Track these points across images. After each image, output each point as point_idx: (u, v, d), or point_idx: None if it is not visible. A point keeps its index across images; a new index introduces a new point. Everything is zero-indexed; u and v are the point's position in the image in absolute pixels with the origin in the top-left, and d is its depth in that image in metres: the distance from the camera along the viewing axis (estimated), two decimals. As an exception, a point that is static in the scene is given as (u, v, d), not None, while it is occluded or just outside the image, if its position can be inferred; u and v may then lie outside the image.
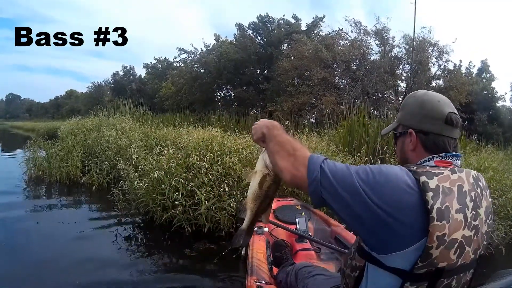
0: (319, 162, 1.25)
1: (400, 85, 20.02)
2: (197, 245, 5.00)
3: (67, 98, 68.69)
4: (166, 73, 32.24)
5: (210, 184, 5.47)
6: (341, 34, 20.03)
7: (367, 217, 1.14)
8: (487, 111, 21.39)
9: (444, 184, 1.16)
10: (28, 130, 43.92)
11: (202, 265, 4.49)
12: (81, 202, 7.69)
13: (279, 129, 1.48)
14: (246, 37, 25.46)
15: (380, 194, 1.13)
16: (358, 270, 1.33)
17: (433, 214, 1.09)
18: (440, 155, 1.32)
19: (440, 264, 1.14)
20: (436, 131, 1.34)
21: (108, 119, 12.70)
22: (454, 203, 1.15)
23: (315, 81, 18.31)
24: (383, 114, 14.98)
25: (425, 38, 18.66)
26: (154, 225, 5.59)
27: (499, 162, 8.12)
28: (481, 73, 23.94)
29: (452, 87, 17.80)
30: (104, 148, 9.35)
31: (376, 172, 1.18)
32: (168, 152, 6.21)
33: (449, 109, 1.36)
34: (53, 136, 13.80)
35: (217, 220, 5.27)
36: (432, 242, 1.10)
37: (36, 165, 9.15)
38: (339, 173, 1.21)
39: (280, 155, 1.38)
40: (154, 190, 5.54)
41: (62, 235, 5.38)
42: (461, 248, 1.16)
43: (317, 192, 1.22)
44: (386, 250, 1.18)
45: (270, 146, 1.46)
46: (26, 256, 4.55)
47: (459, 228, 1.15)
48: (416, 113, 1.40)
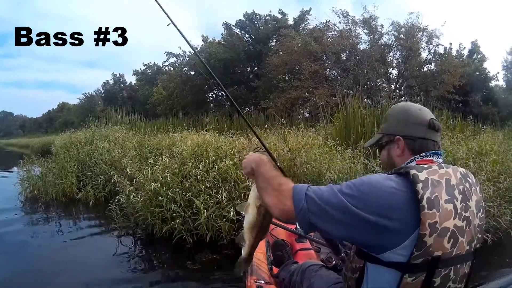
0: (303, 191, 1.30)
1: (391, 72, 20.07)
2: (200, 256, 4.90)
3: (60, 111, 68.70)
4: (156, 78, 32.32)
5: (208, 192, 5.37)
6: (329, 25, 20.00)
7: (361, 227, 1.20)
8: (481, 92, 21.42)
9: (432, 176, 1.24)
10: (22, 146, 43.98)
11: (207, 277, 4.39)
12: (79, 218, 7.51)
13: (265, 164, 1.54)
14: (233, 36, 25.49)
15: (368, 202, 1.20)
16: (359, 271, 1.38)
17: (424, 203, 1.17)
18: (421, 155, 1.43)
19: (436, 252, 1.19)
20: (421, 135, 1.45)
21: (100, 131, 12.57)
22: (443, 194, 1.22)
23: (306, 75, 18.37)
24: (376, 102, 14.96)
25: (413, 23, 18.63)
26: (154, 239, 5.48)
27: (499, 144, 8.03)
28: (472, 54, 23.93)
29: (445, 70, 17.76)
30: (98, 162, 9.23)
31: (359, 184, 1.26)
32: (163, 162, 6.08)
33: (430, 116, 1.48)
34: (47, 151, 13.68)
35: (218, 228, 5.17)
36: (424, 229, 1.16)
37: (31, 184, 8.96)
38: (325, 195, 1.26)
39: (267, 191, 1.44)
40: (151, 202, 5.42)
41: (61, 254, 5.32)
42: (454, 237, 1.22)
43: (306, 219, 1.27)
44: (385, 250, 1.23)
45: (258, 183, 1.53)
46: (27, 275, 4.51)
47: (450, 217, 1.21)
48: (401, 121, 1.50)
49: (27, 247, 5.75)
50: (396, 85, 20.00)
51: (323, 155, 6.42)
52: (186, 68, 26.74)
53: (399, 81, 19.96)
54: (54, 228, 6.68)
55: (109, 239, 5.89)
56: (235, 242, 1.75)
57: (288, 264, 2.56)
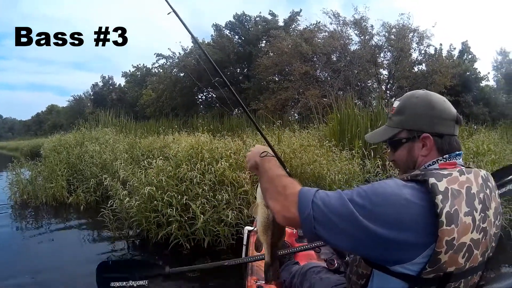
0: (310, 198, 1.18)
1: (382, 73, 20.16)
2: (198, 262, 4.70)
3: (49, 114, 68.37)
4: (146, 80, 32.34)
5: (205, 195, 5.24)
6: (320, 27, 20.08)
7: (370, 242, 1.10)
8: (472, 92, 21.72)
9: (453, 186, 1.13)
10: (12, 149, 43.53)
11: (205, 284, 4.29)
12: (71, 224, 7.27)
13: (270, 161, 1.46)
14: (223, 37, 25.55)
15: (379, 216, 1.08)
16: (365, 278, 1.31)
17: (443, 219, 1.06)
18: (444, 157, 1.28)
19: (449, 268, 1.11)
20: (450, 132, 1.30)
21: (90, 133, 12.37)
22: (463, 206, 1.11)
23: (297, 76, 18.43)
24: (368, 103, 15.03)
25: (404, 24, 18.76)
26: (149, 244, 5.33)
27: (495, 143, 8.14)
28: (462, 55, 24.30)
29: (436, 71, 17.97)
30: (89, 164, 9.06)
31: (371, 193, 1.13)
32: (157, 165, 5.95)
33: (454, 108, 1.34)
34: (37, 154, 13.48)
35: (216, 233, 5.04)
36: (441, 247, 1.07)
37: (20, 188, 8.74)
38: (333, 203, 1.14)
39: (270, 194, 1.34)
40: (146, 207, 5.27)
41: (52, 261, 5.15)
42: (469, 252, 1.13)
43: (310, 229, 1.16)
44: (394, 264, 1.14)
45: (261, 182, 1.44)
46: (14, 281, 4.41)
47: (468, 231, 1.11)
48: (426, 115, 1.31)
49: (16, 252, 5.65)
50: (387, 86, 20.12)
51: (322, 156, 6.40)
52: (176, 70, 26.75)
53: (390, 82, 20.09)
54: (44, 234, 6.51)
55: (101, 245, 5.75)
56: (254, 248, 1.64)
57: (289, 264, 2.53)
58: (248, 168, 1.57)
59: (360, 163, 6.57)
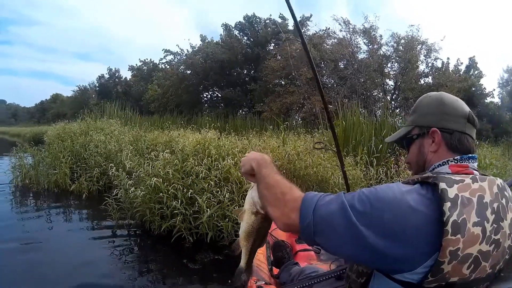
0: (312, 206, 1.16)
1: (388, 83, 20.16)
2: (200, 256, 4.81)
3: (53, 102, 68.53)
4: (152, 75, 32.31)
5: (210, 190, 5.28)
6: (329, 33, 20.06)
7: (368, 252, 1.06)
8: (476, 107, 21.65)
9: (463, 194, 1.06)
10: (14, 135, 43.56)
11: (207, 278, 4.33)
12: (72, 212, 7.28)
13: (267, 166, 1.39)
14: (232, 37, 25.52)
15: (378, 224, 1.05)
16: (365, 276, 1.28)
17: (448, 228, 1.00)
18: (455, 159, 1.24)
19: (452, 278, 1.05)
20: (460, 129, 1.26)
21: (95, 123, 12.43)
22: (472, 216, 1.04)
23: (303, 81, 18.34)
24: (372, 113, 15.04)
25: (413, 36, 18.75)
26: (151, 236, 5.36)
27: (497, 159, 8.22)
28: (469, 70, 24.34)
29: (442, 84, 17.96)
30: (93, 154, 9.09)
31: (373, 198, 1.09)
32: (164, 157, 5.98)
33: (468, 108, 1.30)
34: (39, 141, 13.48)
35: (220, 228, 5.08)
36: (444, 257, 1.01)
37: (22, 173, 8.81)
38: (334, 212, 1.11)
39: (269, 201, 1.31)
40: (151, 198, 5.30)
41: (52, 249, 5.13)
42: (476, 263, 1.06)
43: (310, 237, 1.16)
44: (394, 272, 1.10)
45: (259, 189, 1.39)
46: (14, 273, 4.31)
47: (475, 242, 1.04)
48: (436, 111, 1.31)
49: (16, 238, 5.52)
50: (392, 96, 20.12)
51: (327, 160, 6.46)
52: (183, 67, 26.71)
53: (396, 93, 20.08)
54: (45, 220, 6.50)
55: (102, 234, 5.73)
56: (231, 250, 1.64)
57: (289, 265, 2.54)
58: (243, 173, 1.51)
59: (364, 169, 6.61)
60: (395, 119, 11.12)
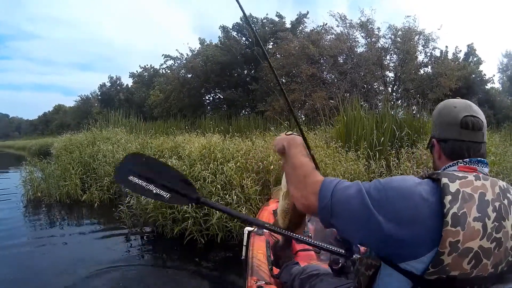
0: (331, 188, 1.25)
1: (388, 75, 20.14)
2: (212, 255, 5.03)
3: (55, 113, 68.38)
4: (153, 81, 32.30)
5: (218, 193, 5.48)
6: (327, 29, 20.07)
7: (380, 236, 1.13)
8: (477, 94, 21.64)
9: (465, 189, 1.12)
10: (19, 148, 43.74)
11: (219, 275, 4.52)
12: (85, 221, 7.47)
13: (297, 147, 1.49)
14: (231, 39, 25.47)
15: (391, 211, 1.12)
16: (374, 269, 1.31)
17: (448, 219, 1.07)
18: (465, 161, 1.29)
19: (452, 272, 1.10)
20: (454, 137, 1.32)
21: (101, 133, 12.60)
22: (473, 211, 1.10)
23: (304, 78, 18.33)
24: (374, 106, 15.08)
25: (410, 27, 18.66)
26: (165, 239, 5.56)
27: (496, 146, 8.25)
28: (468, 57, 24.15)
29: (441, 73, 17.86)
30: (102, 163, 9.26)
31: (388, 187, 1.17)
32: (172, 164, 6.15)
33: (466, 112, 1.31)
34: (46, 153, 13.61)
35: (229, 229, 5.30)
36: (444, 248, 1.07)
37: (34, 186, 8.97)
38: (351, 196, 1.20)
39: (292, 180, 1.42)
40: (163, 204, 5.47)
41: (69, 257, 5.25)
42: (476, 259, 1.10)
43: (327, 218, 1.23)
44: (402, 260, 1.16)
45: (286, 167, 1.50)
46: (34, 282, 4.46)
47: (476, 237, 1.09)
48: (436, 123, 1.40)
49: (32, 249, 5.69)
50: (392, 88, 20.12)
51: (328, 157, 6.57)
52: (184, 71, 26.73)
53: (396, 84, 20.06)
54: (60, 230, 6.68)
55: (117, 240, 5.92)
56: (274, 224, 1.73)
57: (289, 264, 2.54)
58: (276, 150, 1.61)
59: (366, 163, 6.70)
60: (397, 111, 11.14)
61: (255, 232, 3.09)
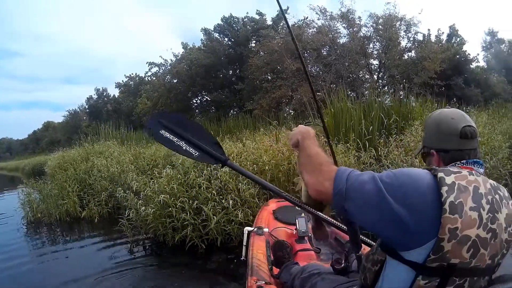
0: (346, 174, 1.30)
1: (373, 63, 20.35)
2: (214, 258, 5.18)
3: (45, 131, 67.96)
4: (140, 89, 32.18)
5: (214, 199, 5.58)
6: (308, 22, 20.13)
7: (391, 220, 1.17)
8: (462, 74, 21.76)
9: (460, 182, 1.18)
10: (12, 169, 43.60)
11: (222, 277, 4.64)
12: (87, 236, 7.50)
13: (310, 139, 1.57)
14: (213, 40, 25.52)
15: (401, 195, 1.17)
16: (379, 264, 1.35)
17: (446, 207, 1.12)
18: (462, 162, 1.38)
19: (452, 259, 1.14)
20: (454, 147, 1.41)
21: (93, 147, 12.61)
22: (469, 201, 1.15)
23: (289, 73, 18.44)
24: (360, 94, 15.18)
25: (391, 14, 18.83)
26: (166, 247, 5.66)
27: (484, 125, 8.35)
28: (451, 38, 24.25)
29: (425, 57, 18.01)
30: (98, 178, 9.31)
31: (398, 173, 1.24)
32: (167, 174, 6.25)
33: (463, 123, 1.41)
34: (39, 172, 13.55)
35: (228, 232, 5.43)
36: (443, 234, 1.11)
37: (33, 208, 8.91)
38: (365, 181, 1.25)
39: (306, 168, 1.47)
40: (162, 214, 5.58)
41: (73, 269, 5.38)
42: (475, 248, 1.14)
43: (340, 203, 1.27)
44: (408, 248, 1.20)
45: (300, 157, 1.56)
46: None
47: (473, 226, 1.14)
48: (434, 134, 1.49)
49: (34, 269, 5.73)
50: (378, 75, 20.26)
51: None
52: (169, 77, 26.71)
53: (381, 71, 20.23)
54: (62, 248, 6.70)
55: (120, 252, 5.98)
56: None
57: (289, 265, 2.57)
58: (291, 144, 1.67)
59: (356, 155, 6.78)
60: (384, 98, 11.18)
61: (255, 232, 3.15)
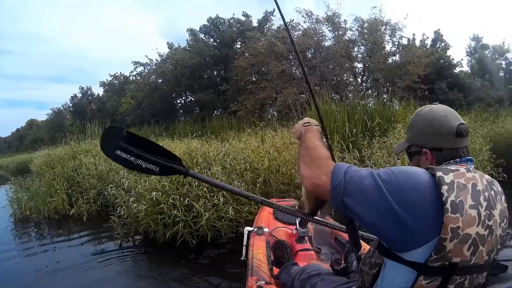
0: (344, 169, 1.29)
1: (357, 67, 20.59)
2: (204, 254, 5.35)
3: (29, 129, 66.92)
4: (124, 89, 31.92)
5: (204, 196, 5.69)
6: (293, 25, 20.24)
7: (390, 218, 1.17)
8: (446, 79, 21.97)
9: (459, 180, 1.18)
10: (-4, 167, 42.78)
11: (213, 271, 4.78)
12: (76, 234, 7.38)
13: (312, 132, 1.57)
14: (199, 41, 25.50)
15: (400, 193, 1.16)
16: (377, 267, 1.35)
17: (447, 206, 1.12)
18: (455, 161, 1.38)
19: (454, 258, 1.14)
20: (449, 146, 1.40)
21: (79, 145, 12.61)
22: (468, 199, 1.16)
23: (274, 75, 18.58)
24: (344, 97, 15.39)
25: (376, 18, 19.08)
26: (157, 244, 5.74)
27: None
28: (435, 43, 24.51)
29: (409, 61, 18.24)
30: (86, 176, 9.33)
31: (397, 171, 1.22)
32: (156, 175, 6.33)
33: (457, 121, 1.41)
34: (24, 170, 13.43)
35: (218, 228, 5.57)
36: (446, 233, 1.12)
37: (21, 205, 8.89)
38: (363, 176, 1.24)
39: (304, 160, 1.45)
40: (153, 210, 5.67)
41: (63, 270, 5.30)
42: (474, 246, 1.16)
43: (339, 198, 1.25)
44: (407, 249, 1.20)
45: (300, 149, 1.56)
46: None
47: (473, 223, 1.15)
48: (426, 132, 1.46)
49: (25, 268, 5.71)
50: (362, 78, 20.47)
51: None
52: (154, 77, 26.63)
53: (365, 75, 20.42)
54: (51, 246, 6.64)
55: (110, 250, 5.99)
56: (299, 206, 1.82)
57: (288, 265, 2.56)
58: (295, 137, 1.68)
59: (340, 156, 6.84)
60: (367, 101, 11.33)
61: (255, 232, 3.20)
